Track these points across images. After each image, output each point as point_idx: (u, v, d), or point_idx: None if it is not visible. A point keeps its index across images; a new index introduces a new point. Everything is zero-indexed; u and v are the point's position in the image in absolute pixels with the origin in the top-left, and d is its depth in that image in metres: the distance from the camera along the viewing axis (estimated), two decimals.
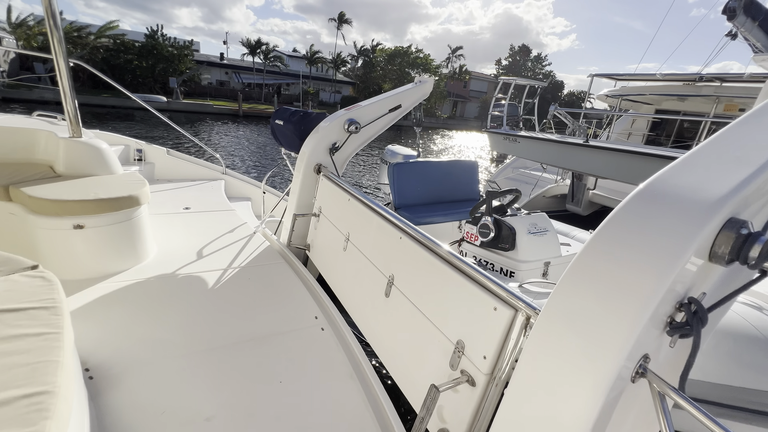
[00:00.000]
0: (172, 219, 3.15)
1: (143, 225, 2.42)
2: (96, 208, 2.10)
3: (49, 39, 2.31)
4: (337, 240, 2.26)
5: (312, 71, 44.22)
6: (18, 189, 2.09)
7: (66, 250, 2.11)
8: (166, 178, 4.21)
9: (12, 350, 0.92)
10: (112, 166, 2.61)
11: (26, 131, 2.63)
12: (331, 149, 2.72)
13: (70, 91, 2.43)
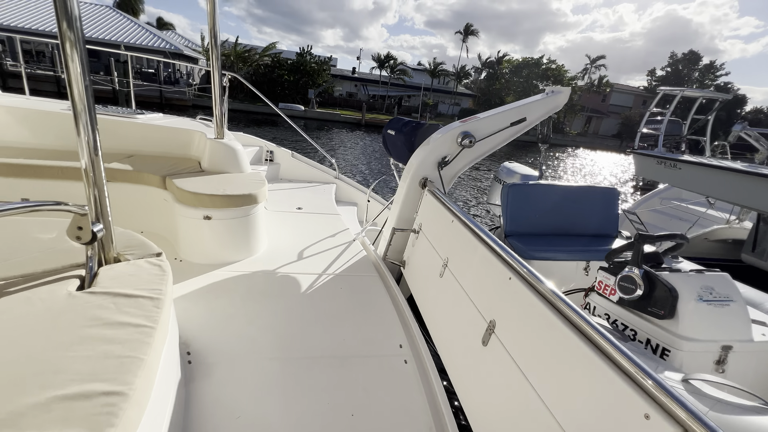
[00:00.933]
0: (285, 217, 3.38)
1: (258, 221, 2.61)
2: (222, 203, 2.34)
3: (210, 57, 2.70)
4: (434, 263, 2.05)
5: (434, 83, 45.00)
6: (171, 180, 2.47)
7: (196, 236, 2.40)
8: (288, 177, 4.63)
9: (114, 338, 0.97)
10: (242, 165, 2.92)
11: (186, 131, 3.15)
12: (440, 163, 2.52)
13: (219, 99, 2.81)
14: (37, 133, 2.88)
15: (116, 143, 3.04)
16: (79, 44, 1.01)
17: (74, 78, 1.00)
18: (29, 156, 2.59)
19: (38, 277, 1.21)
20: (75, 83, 1.00)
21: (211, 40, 2.67)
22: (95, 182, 1.21)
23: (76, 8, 0.90)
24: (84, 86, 1.01)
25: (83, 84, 1.00)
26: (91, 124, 1.11)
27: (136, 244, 1.53)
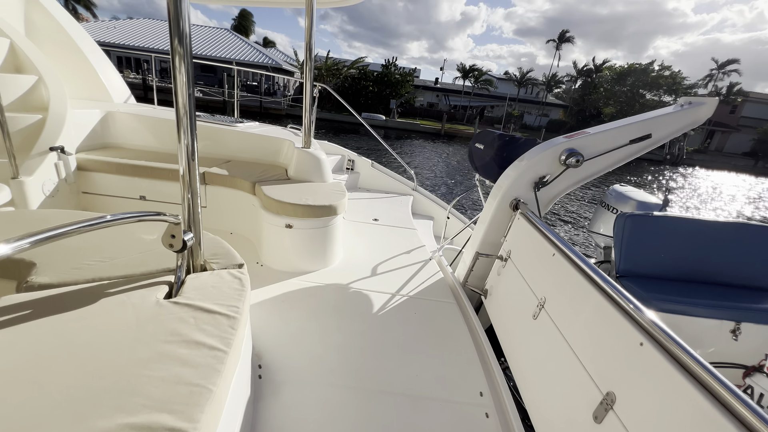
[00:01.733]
0: (362, 228, 3.34)
1: (336, 232, 2.58)
2: (304, 213, 2.35)
3: (304, 69, 2.78)
4: (525, 300, 1.76)
5: (520, 93, 42.79)
6: (259, 186, 2.57)
7: (277, 243, 2.45)
8: (366, 187, 4.63)
9: (189, 360, 0.94)
10: (325, 175, 2.94)
11: (276, 140, 3.30)
12: (537, 183, 2.21)
13: (310, 109, 2.87)
14: (158, 138, 3.28)
15: (218, 149, 3.31)
16: (187, 58, 1.02)
17: (180, 87, 1.01)
18: (151, 158, 2.92)
19: (136, 280, 1.27)
20: (180, 92, 1.02)
21: (306, 54, 2.75)
22: (190, 187, 1.22)
23: (187, 27, 0.91)
24: (188, 95, 1.02)
25: (187, 93, 1.01)
26: (191, 130, 1.12)
27: (222, 252, 1.55)
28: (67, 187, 2.72)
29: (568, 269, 1.49)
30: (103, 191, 2.89)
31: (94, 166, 2.81)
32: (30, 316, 1.04)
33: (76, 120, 2.90)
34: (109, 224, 1.02)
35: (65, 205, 2.73)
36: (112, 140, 3.27)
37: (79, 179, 2.83)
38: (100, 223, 0.97)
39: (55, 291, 1.16)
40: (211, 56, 26.55)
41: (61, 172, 2.62)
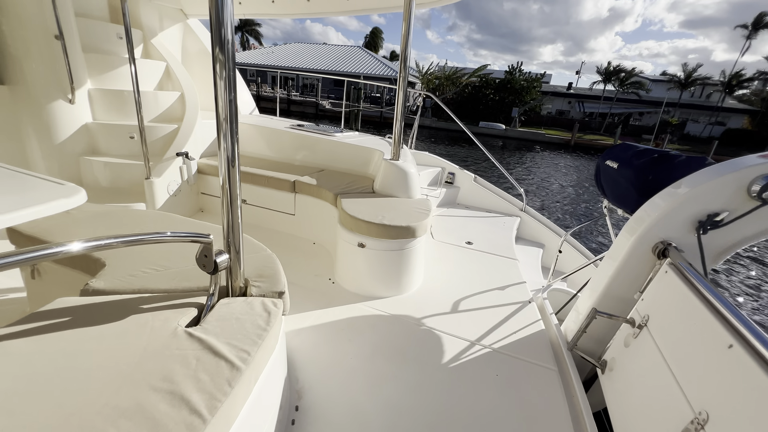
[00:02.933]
0: (451, 252, 2.94)
1: (414, 257, 2.27)
2: (377, 232, 2.11)
3: (398, 78, 2.56)
4: (670, 403, 1.14)
5: (683, 97, 35.03)
6: (341, 199, 2.45)
7: (350, 262, 2.27)
8: (466, 203, 4.18)
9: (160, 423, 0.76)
10: (411, 190, 2.66)
11: (367, 150, 3.18)
12: (704, 224, 1.50)
13: (401, 118, 2.64)
14: (270, 146, 3.51)
15: (314, 158, 3.37)
16: (228, 64, 0.94)
17: (220, 93, 0.93)
18: (261, 165, 3.12)
19: (175, 296, 1.20)
20: (221, 98, 0.94)
21: (401, 62, 2.53)
22: (230, 199, 1.09)
23: (229, 35, 0.87)
24: (228, 100, 0.94)
25: (227, 98, 0.93)
26: (231, 136, 1.00)
27: (269, 273, 1.41)
28: (188, 188, 3.10)
29: (758, 376, 0.87)
30: (215, 193, 3.21)
31: (209, 169, 3.14)
32: (66, 325, 1.03)
33: (203, 129, 3.30)
34: (143, 242, 0.96)
35: (186, 203, 3.11)
36: None
37: (198, 181, 3.20)
38: (133, 240, 0.91)
39: (100, 299, 1.16)
40: (342, 71, 29.32)
41: (184, 175, 2.99)
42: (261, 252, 1.60)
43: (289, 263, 2.52)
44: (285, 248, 2.76)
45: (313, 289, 2.25)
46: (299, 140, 3.41)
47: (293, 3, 3.24)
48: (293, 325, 1.91)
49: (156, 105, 3.24)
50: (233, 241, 1.19)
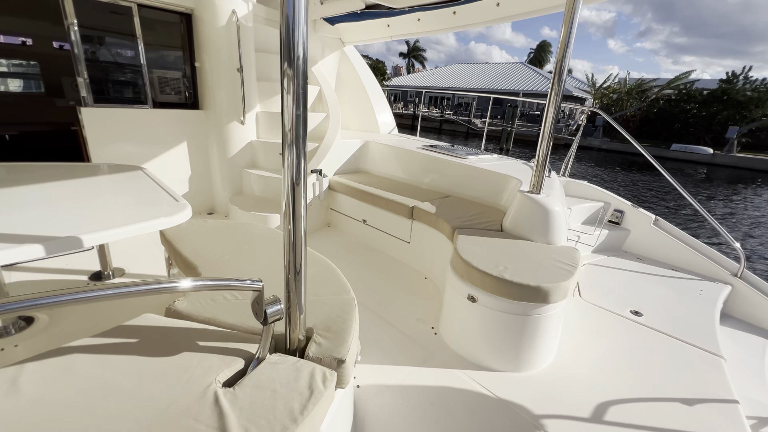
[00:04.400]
0: (605, 321, 2.15)
1: (544, 328, 1.70)
2: (494, 287, 1.64)
3: (549, 93, 2.02)
4: None
5: None
6: (458, 235, 2.07)
7: (457, 315, 1.86)
8: (638, 253, 3.12)
9: None
10: (552, 234, 2.05)
11: (501, 177, 2.67)
12: None
13: (547, 140, 2.07)
14: (402, 166, 3.41)
15: (441, 182, 3.07)
16: (297, 79, 0.83)
17: (287, 107, 0.83)
18: (390, 186, 3.04)
19: (236, 338, 1.10)
20: (287, 114, 0.84)
21: (556, 72, 1.99)
22: (293, 233, 0.92)
23: (301, 51, 0.81)
24: (294, 116, 0.83)
25: (294, 114, 0.83)
26: (297, 153, 0.87)
27: (339, 328, 1.18)
28: (319, 203, 3.25)
29: None
30: (342, 210, 3.28)
31: (338, 187, 3.22)
32: (131, 348, 1.03)
33: (341, 148, 3.44)
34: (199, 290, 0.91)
35: (315, 217, 3.27)
36: (364, 166, 3.70)
37: (329, 197, 3.34)
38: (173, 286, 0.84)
39: (173, 324, 1.15)
40: (500, 89, 28.25)
41: (316, 190, 3.14)
42: (343, 295, 1.39)
43: (394, 298, 2.30)
44: (394, 278, 2.54)
45: (411, 336, 1.94)
46: (428, 162, 3.18)
47: (439, 19, 3.06)
48: (376, 378, 1.64)
49: None
50: (294, 286, 1.01)
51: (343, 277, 1.54)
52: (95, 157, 2.86)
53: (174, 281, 0.85)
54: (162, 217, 1.33)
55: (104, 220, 1.30)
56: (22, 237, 1.14)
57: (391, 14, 3.12)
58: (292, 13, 0.80)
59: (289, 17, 0.79)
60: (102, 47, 2.86)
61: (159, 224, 1.31)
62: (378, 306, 2.19)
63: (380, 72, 43.06)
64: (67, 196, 1.55)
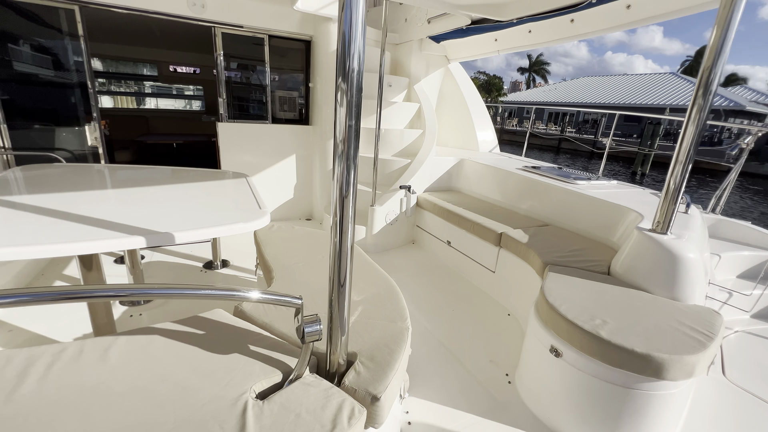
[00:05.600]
0: (760, 415, 1.55)
1: (656, 410, 1.30)
2: (584, 343, 1.33)
3: (691, 105, 1.59)
4: None
5: None
6: (549, 271, 1.77)
7: (537, 367, 1.57)
8: None
9: None
10: (681, 290, 1.58)
11: (617, 209, 2.19)
12: None
13: (683, 164, 1.62)
14: (499, 188, 3.15)
15: (541, 208, 2.71)
16: (350, 92, 0.83)
17: (340, 119, 0.83)
18: (482, 208, 2.85)
19: (281, 348, 1.13)
20: (339, 124, 0.84)
21: (700, 86, 1.55)
22: (339, 246, 0.89)
23: (356, 65, 0.81)
24: (346, 127, 0.83)
25: (345, 126, 0.83)
26: (347, 167, 0.86)
27: (384, 360, 1.10)
28: (405, 219, 3.22)
29: None
30: (428, 228, 3.18)
31: (426, 204, 3.14)
32: (196, 339, 1.12)
33: (433, 165, 3.36)
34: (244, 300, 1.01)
35: (400, 233, 3.24)
36: (456, 185, 3.53)
37: (415, 214, 3.28)
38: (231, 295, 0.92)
39: (235, 323, 1.23)
40: (639, 104, 24.33)
41: (403, 206, 3.12)
42: (397, 323, 1.30)
43: (468, 331, 2.08)
44: (472, 309, 2.32)
45: (481, 380, 1.71)
46: (527, 185, 2.85)
47: (554, 29, 2.75)
48: (432, 417, 1.48)
49: (400, 141, 3.59)
50: (338, 303, 0.97)
51: (403, 303, 1.44)
52: (224, 164, 3.39)
53: (224, 290, 0.91)
54: (240, 222, 1.45)
55: (201, 220, 1.49)
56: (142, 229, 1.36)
57: (498, 28, 2.94)
58: (349, 29, 0.79)
59: (346, 33, 0.78)
60: (238, 72, 3.40)
61: (237, 228, 1.44)
62: (448, 337, 2.01)
63: (496, 88, 41.65)
64: (195, 195, 1.82)
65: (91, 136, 3.00)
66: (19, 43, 2.69)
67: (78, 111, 2.95)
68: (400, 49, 4.00)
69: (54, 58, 2.84)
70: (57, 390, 0.88)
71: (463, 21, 3.05)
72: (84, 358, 0.99)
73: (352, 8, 0.77)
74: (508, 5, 2.69)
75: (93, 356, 1.00)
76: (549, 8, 2.48)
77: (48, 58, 2.83)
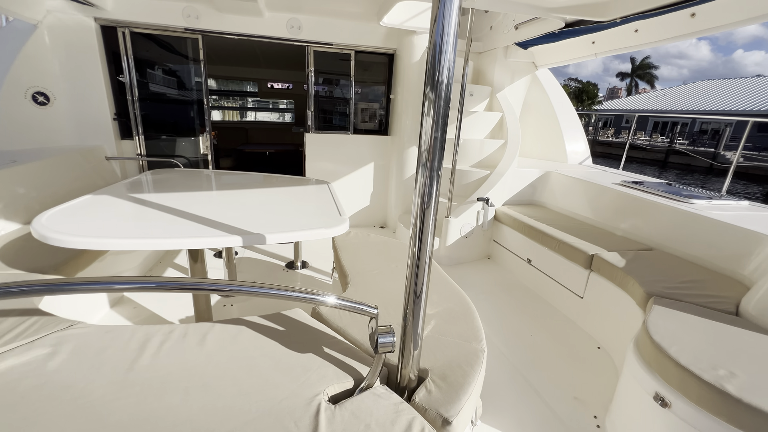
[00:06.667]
0: None
1: None
2: (703, 397, 1.10)
3: None
4: None
5: None
6: (654, 304, 1.52)
7: (633, 414, 1.35)
8: None
9: None
10: None
11: (749, 234, 1.79)
12: None
13: None
14: (590, 204, 2.84)
15: (645, 230, 2.36)
16: (438, 102, 0.81)
17: (425, 130, 0.82)
18: (568, 225, 2.61)
19: (355, 355, 1.14)
20: (425, 134, 0.82)
21: None
22: (417, 257, 0.89)
23: (445, 75, 0.78)
24: (433, 138, 0.81)
25: (431, 137, 0.81)
26: (431, 172, 0.83)
27: (457, 381, 1.06)
28: (481, 233, 3.08)
29: None
30: (506, 244, 3.00)
31: (505, 218, 2.96)
32: (278, 335, 1.20)
33: (515, 177, 3.17)
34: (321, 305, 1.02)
35: (474, 246, 3.11)
36: (540, 199, 3.28)
37: (492, 228, 3.11)
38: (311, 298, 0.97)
39: (313, 324, 1.28)
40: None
41: (479, 219, 2.99)
42: (472, 343, 1.23)
43: (549, 360, 1.89)
44: (554, 336, 2.11)
45: (562, 419, 1.54)
46: (627, 201, 2.52)
47: (668, 26, 2.40)
48: None
49: (480, 152, 3.46)
50: (412, 313, 0.95)
51: (478, 322, 1.37)
52: (308, 171, 3.64)
53: (306, 293, 0.96)
54: (323, 228, 1.52)
55: (287, 223, 1.61)
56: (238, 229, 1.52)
57: (597, 29, 2.67)
58: (440, 41, 0.77)
59: (437, 45, 0.77)
60: (326, 86, 3.64)
61: (319, 234, 1.51)
62: (526, 365, 1.85)
63: (590, 96, 38.03)
64: (283, 200, 1.99)
65: (203, 146, 3.47)
66: (154, 68, 3.24)
67: (195, 124, 3.44)
68: (483, 58, 3.89)
69: (179, 80, 3.37)
70: (165, 366, 1.00)
71: (555, 24, 2.85)
72: (187, 340, 1.11)
73: (444, 20, 0.75)
74: (611, 4, 2.44)
75: (194, 340, 1.12)
76: (664, 2, 2.18)
77: (174, 80, 3.36)
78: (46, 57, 2.81)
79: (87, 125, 3.04)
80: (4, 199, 2.05)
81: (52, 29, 2.79)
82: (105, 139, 3.10)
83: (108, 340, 1.09)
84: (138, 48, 3.06)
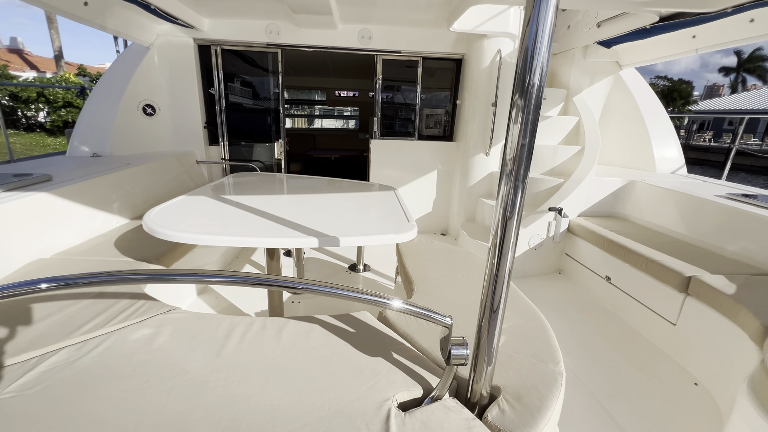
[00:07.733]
0: None
1: None
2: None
3: None
4: None
5: None
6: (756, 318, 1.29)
7: None
8: None
9: None
10: None
11: None
12: None
13: None
14: (683, 218, 2.52)
15: (755, 251, 2.02)
16: (527, 108, 0.77)
17: (511, 137, 0.78)
18: (651, 241, 2.36)
19: (423, 363, 1.14)
20: (511, 142, 0.79)
21: None
22: (495, 271, 0.86)
23: (537, 79, 0.74)
24: (520, 145, 0.77)
25: (518, 144, 0.77)
26: (515, 185, 0.80)
27: (532, 404, 1.00)
28: (552, 246, 2.88)
29: None
30: (580, 258, 2.76)
31: (580, 231, 2.73)
32: (344, 335, 1.24)
33: (592, 186, 2.92)
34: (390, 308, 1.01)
35: (544, 260, 2.91)
36: (622, 211, 2.97)
37: (565, 240, 2.89)
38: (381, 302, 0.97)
39: (379, 328, 1.30)
40: None
41: (551, 231, 2.80)
42: (549, 364, 1.15)
43: (634, 394, 1.69)
44: (640, 367, 1.88)
45: None
46: (735, 218, 2.17)
47: None
48: None
49: (552, 158, 3.25)
50: (488, 328, 0.92)
51: (554, 342, 1.27)
52: (372, 176, 3.72)
53: (375, 296, 0.95)
54: (392, 233, 1.54)
55: (356, 227, 1.65)
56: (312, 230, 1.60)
57: (699, 21, 2.36)
58: (533, 43, 0.73)
59: (529, 48, 0.73)
60: (392, 93, 3.70)
61: (388, 239, 1.53)
62: (605, 394, 1.68)
63: (682, 95, 33.66)
64: (350, 204, 2.07)
65: (277, 151, 3.73)
66: (238, 81, 3.57)
67: (271, 131, 3.71)
68: (558, 59, 3.66)
69: (259, 91, 3.67)
70: (247, 356, 1.08)
71: (648, 19, 2.58)
72: (266, 333, 1.19)
73: (539, 22, 0.71)
74: None
75: (271, 333, 1.19)
76: None
77: (255, 91, 3.67)
78: (155, 74, 3.25)
79: (183, 133, 3.44)
80: (121, 197, 2.40)
81: (161, 49, 3.22)
82: (196, 145, 3.49)
83: (200, 326, 1.21)
84: (226, 63, 3.40)
